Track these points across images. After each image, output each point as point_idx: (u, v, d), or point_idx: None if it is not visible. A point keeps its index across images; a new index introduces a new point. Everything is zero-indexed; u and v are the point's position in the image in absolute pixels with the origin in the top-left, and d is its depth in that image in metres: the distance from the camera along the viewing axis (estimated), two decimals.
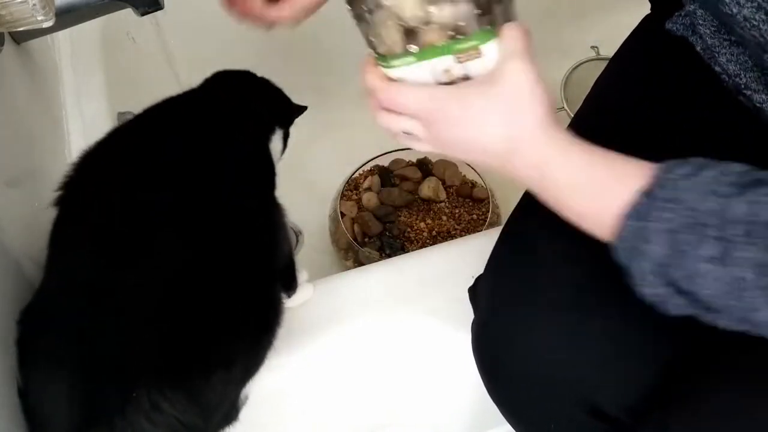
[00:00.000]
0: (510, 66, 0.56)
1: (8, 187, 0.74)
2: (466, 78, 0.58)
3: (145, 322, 0.62)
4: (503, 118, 0.56)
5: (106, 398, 0.60)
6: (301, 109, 0.94)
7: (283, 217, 0.78)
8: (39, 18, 0.68)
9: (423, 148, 0.62)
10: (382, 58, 0.60)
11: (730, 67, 0.64)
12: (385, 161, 1.28)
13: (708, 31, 0.65)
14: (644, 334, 0.62)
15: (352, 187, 1.25)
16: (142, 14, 0.83)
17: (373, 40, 0.59)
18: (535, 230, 0.61)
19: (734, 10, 0.54)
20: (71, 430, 0.60)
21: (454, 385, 0.87)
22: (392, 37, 0.58)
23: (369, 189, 1.25)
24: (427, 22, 0.56)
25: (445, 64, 0.57)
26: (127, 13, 0.84)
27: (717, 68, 0.67)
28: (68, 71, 1.05)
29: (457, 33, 0.56)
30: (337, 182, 1.24)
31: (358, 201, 1.24)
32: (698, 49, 0.69)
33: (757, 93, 0.63)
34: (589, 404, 0.61)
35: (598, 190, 0.54)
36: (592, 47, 1.45)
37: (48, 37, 0.99)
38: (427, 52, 0.57)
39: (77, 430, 0.60)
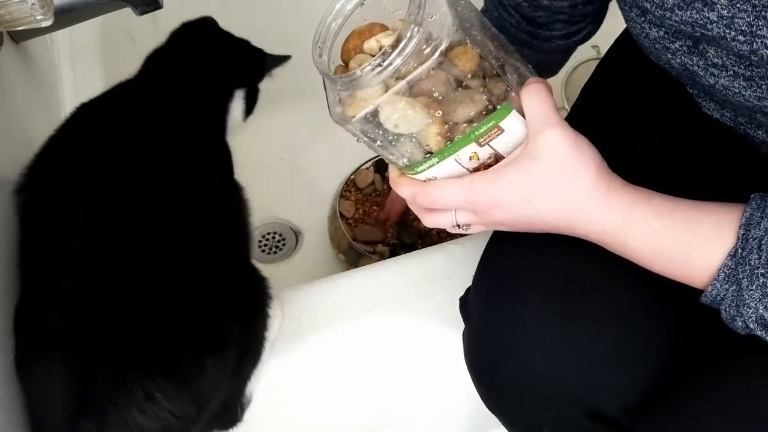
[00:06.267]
0: (543, 138, 0.55)
1: (7, 187, 0.73)
2: (496, 156, 0.58)
3: (134, 313, 0.62)
4: (554, 193, 0.56)
5: (98, 389, 0.60)
6: (278, 60, 0.88)
7: (245, 201, 0.77)
8: (38, 17, 0.67)
9: (481, 230, 0.62)
10: (405, 168, 0.59)
11: (715, 115, 0.64)
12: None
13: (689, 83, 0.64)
14: (641, 334, 0.61)
15: (351, 188, 1.25)
16: (141, 14, 0.83)
17: (391, 158, 0.59)
18: (520, 238, 0.61)
19: (711, 81, 0.53)
20: (64, 421, 0.60)
21: (454, 385, 0.87)
22: (412, 152, 0.57)
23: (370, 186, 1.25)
24: (448, 131, 0.56)
25: (469, 151, 0.56)
26: (127, 13, 0.84)
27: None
28: (67, 71, 1.05)
29: (472, 123, 0.55)
30: (337, 182, 1.24)
31: (357, 201, 1.23)
32: None
33: (749, 129, 0.62)
34: (586, 407, 0.61)
35: (682, 255, 0.54)
36: (593, 47, 1.45)
37: (47, 36, 0.99)
38: (448, 149, 0.56)
39: (70, 422, 0.60)
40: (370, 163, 1.26)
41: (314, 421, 0.88)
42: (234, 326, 0.68)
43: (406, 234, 1.18)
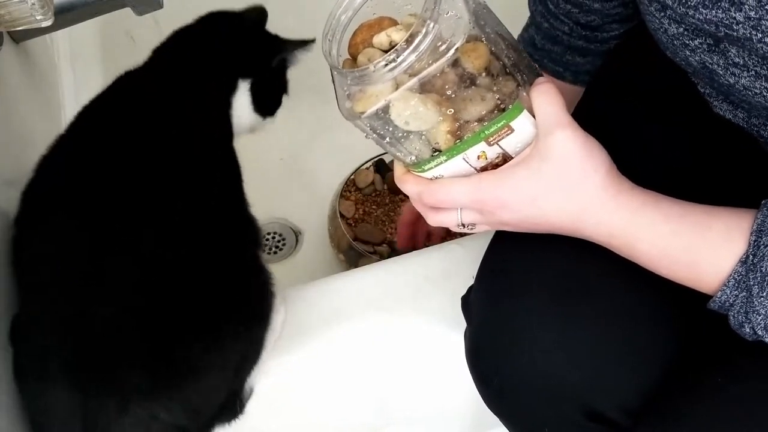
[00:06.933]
0: (553, 139, 0.54)
1: (7, 187, 0.73)
2: (504, 156, 0.57)
3: (134, 330, 0.61)
4: (561, 194, 0.55)
5: (103, 411, 0.59)
6: (297, 44, 0.78)
7: (248, 208, 0.74)
8: (38, 17, 0.67)
9: (485, 229, 0.61)
10: (412, 166, 0.59)
11: (727, 115, 0.63)
12: (384, 160, 1.27)
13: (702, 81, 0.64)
14: (642, 335, 0.61)
15: (351, 188, 1.25)
16: (141, 14, 0.83)
17: (399, 155, 0.58)
18: (522, 237, 0.61)
19: (731, 81, 0.53)
20: None
21: (454, 385, 0.87)
22: (421, 149, 0.57)
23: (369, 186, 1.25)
24: (458, 129, 0.55)
25: (477, 150, 0.56)
26: (127, 13, 0.84)
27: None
28: (67, 71, 1.05)
29: (482, 122, 0.55)
30: (337, 182, 1.24)
31: (357, 201, 1.23)
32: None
33: (763, 131, 0.62)
34: (587, 407, 0.61)
35: (690, 260, 0.54)
36: None
37: (47, 36, 0.99)
38: (457, 147, 0.56)
39: None
40: (370, 163, 1.26)
41: (314, 420, 0.88)
42: (236, 330, 0.67)
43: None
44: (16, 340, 0.64)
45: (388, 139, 0.56)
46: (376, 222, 1.21)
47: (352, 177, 1.25)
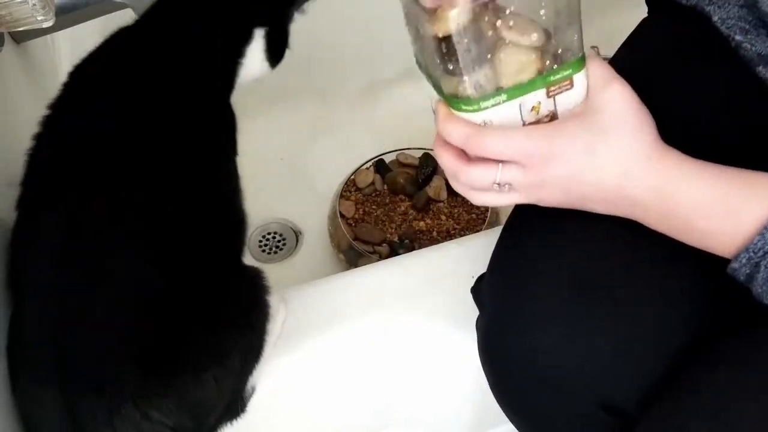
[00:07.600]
0: (610, 91, 0.54)
1: (8, 188, 0.73)
2: (553, 115, 0.57)
3: (125, 330, 0.61)
4: (614, 147, 0.54)
5: (93, 412, 0.59)
6: None
7: (240, 196, 0.73)
8: (39, 18, 0.68)
9: (515, 199, 0.59)
10: (467, 101, 0.55)
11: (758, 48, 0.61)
12: (385, 160, 1.28)
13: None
14: (657, 324, 0.61)
15: (351, 188, 1.25)
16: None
17: (459, 82, 0.54)
18: (536, 225, 0.61)
19: None
20: None
21: (455, 385, 0.87)
22: (486, 82, 0.54)
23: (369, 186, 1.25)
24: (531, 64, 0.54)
25: (534, 99, 0.55)
26: (128, 13, 0.84)
27: (737, 39, 0.63)
28: (68, 71, 1.05)
29: (555, 62, 0.54)
30: (337, 182, 1.24)
31: (357, 201, 1.24)
32: (715, 19, 0.65)
33: None
34: (601, 398, 0.60)
35: (730, 207, 0.53)
36: (592, 47, 1.45)
37: (48, 37, 0.99)
38: (520, 87, 0.54)
39: None
40: (370, 163, 1.27)
41: (314, 421, 0.88)
42: (232, 333, 0.67)
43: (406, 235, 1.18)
44: (9, 338, 0.64)
45: (461, 57, 0.52)
46: (376, 222, 1.21)
47: (352, 177, 1.25)
